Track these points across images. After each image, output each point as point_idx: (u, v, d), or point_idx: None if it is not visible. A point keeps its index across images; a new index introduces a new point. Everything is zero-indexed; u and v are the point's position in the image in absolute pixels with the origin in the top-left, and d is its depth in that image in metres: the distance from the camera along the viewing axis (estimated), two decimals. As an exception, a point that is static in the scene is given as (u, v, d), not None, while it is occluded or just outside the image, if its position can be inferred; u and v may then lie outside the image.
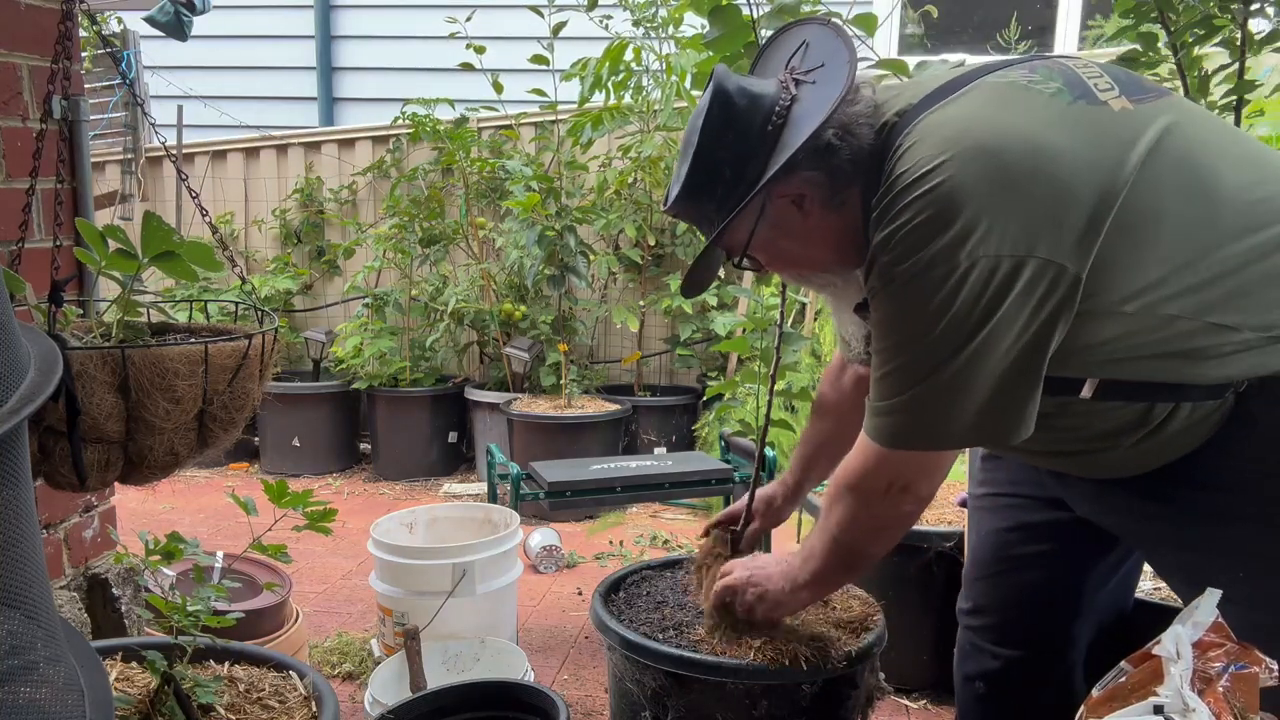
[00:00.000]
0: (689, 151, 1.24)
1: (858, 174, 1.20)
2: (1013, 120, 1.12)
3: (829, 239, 1.27)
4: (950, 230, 1.08)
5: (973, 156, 1.09)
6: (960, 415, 1.14)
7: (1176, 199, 1.11)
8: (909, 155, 1.13)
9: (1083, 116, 1.12)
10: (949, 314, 1.10)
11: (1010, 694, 1.55)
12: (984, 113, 1.14)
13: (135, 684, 1.44)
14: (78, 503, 1.94)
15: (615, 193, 4.48)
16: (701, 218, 1.30)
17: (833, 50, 1.22)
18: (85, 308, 1.63)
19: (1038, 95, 1.14)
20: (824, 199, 1.23)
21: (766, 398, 1.74)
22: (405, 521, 2.66)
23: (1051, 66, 1.19)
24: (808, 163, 1.19)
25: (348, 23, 5.92)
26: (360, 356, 4.54)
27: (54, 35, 1.51)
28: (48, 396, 0.74)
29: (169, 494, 4.21)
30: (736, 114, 1.21)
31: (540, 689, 1.70)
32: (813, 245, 1.29)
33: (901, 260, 1.12)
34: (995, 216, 1.07)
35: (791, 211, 1.25)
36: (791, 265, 1.36)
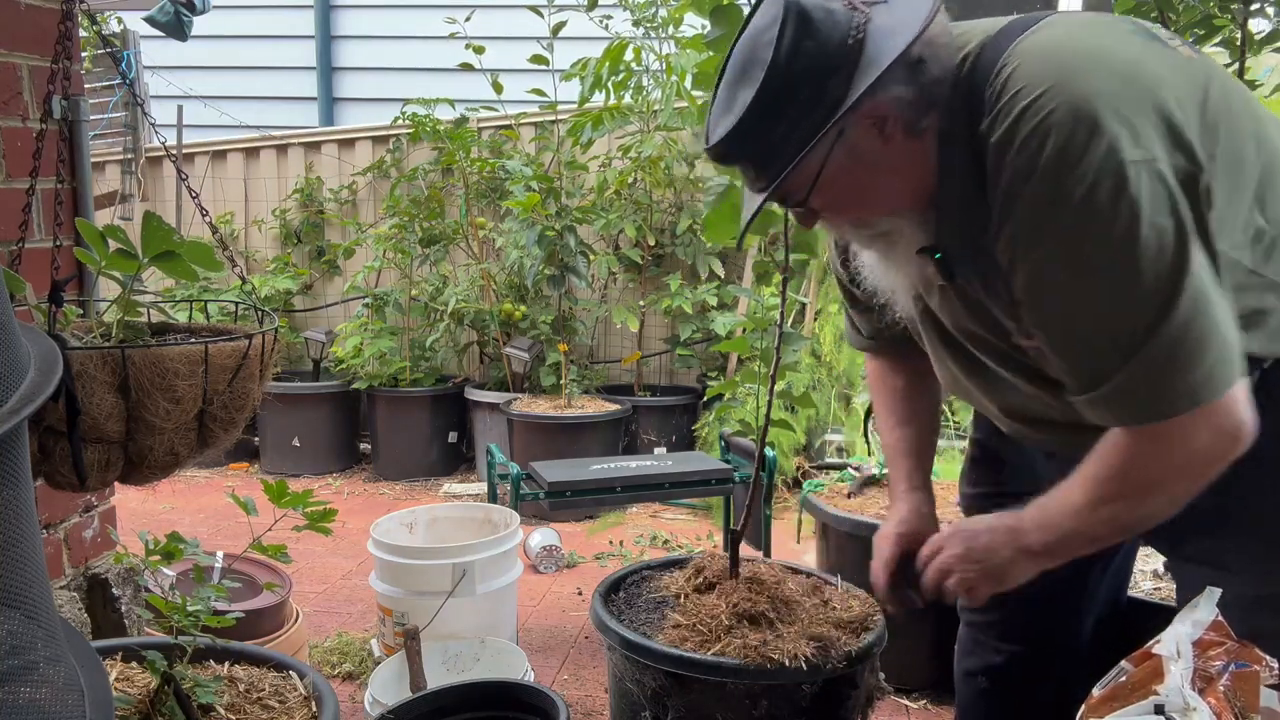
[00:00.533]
0: (754, 70, 1.09)
1: (939, 98, 1.11)
2: (1112, 41, 1.07)
3: (907, 171, 1.15)
4: (1099, 141, 0.99)
5: (1091, 68, 1.03)
6: (1219, 337, 1.01)
7: (1252, 146, 1.08)
8: (1024, 73, 1.05)
9: (1162, 52, 1.09)
10: (1141, 228, 0.99)
11: (1012, 689, 1.56)
12: (1083, 35, 1.08)
13: (135, 684, 1.44)
14: (78, 503, 1.94)
15: (615, 193, 4.48)
16: (764, 150, 1.12)
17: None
18: (85, 308, 1.63)
19: (1119, 28, 1.11)
20: (908, 122, 1.11)
21: (766, 398, 1.75)
22: (405, 521, 2.66)
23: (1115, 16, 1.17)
24: (897, 78, 1.07)
25: (348, 23, 5.92)
26: (360, 356, 4.55)
27: (54, 35, 1.51)
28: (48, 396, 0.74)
29: (169, 494, 4.21)
30: (815, 25, 1.07)
31: (540, 689, 1.70)
32: (890, 177, 1.15)
33: (1058, 184, 1.01)
34: (1134, 120, 1.00)
35: (872, 136, 1.11)
36: (858, 206, 1.19)
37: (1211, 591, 1.04)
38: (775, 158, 1.11)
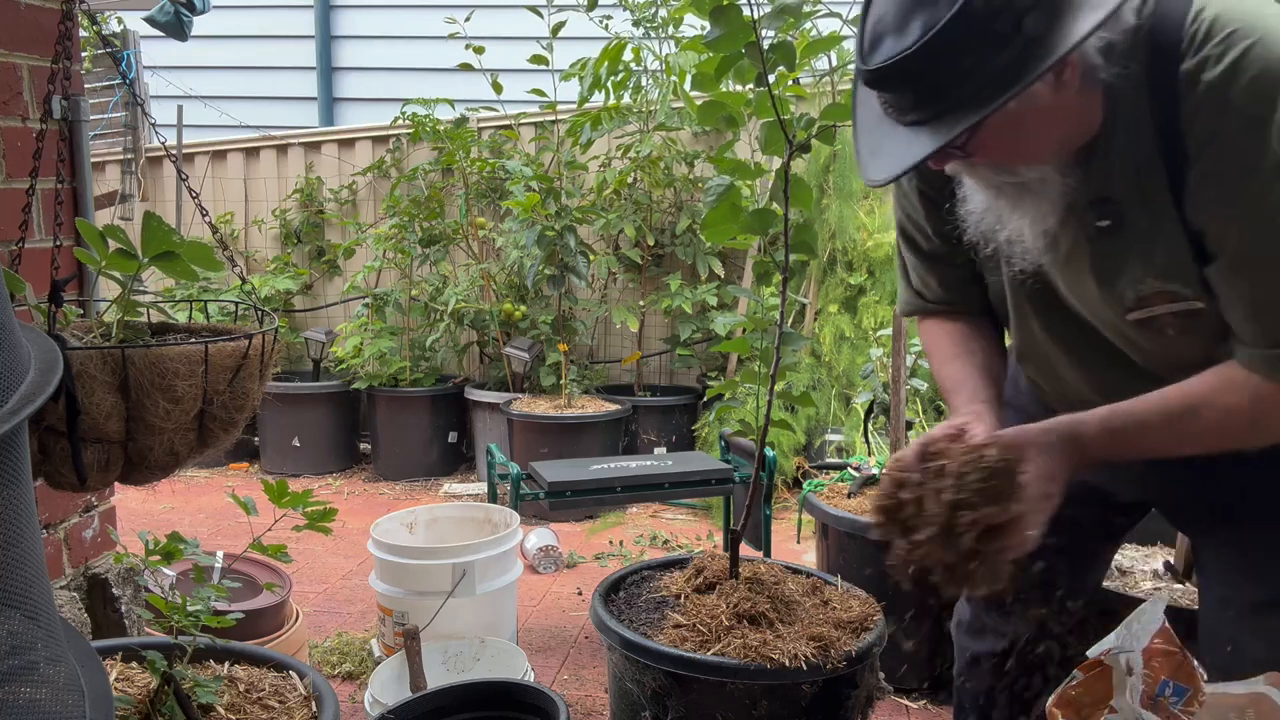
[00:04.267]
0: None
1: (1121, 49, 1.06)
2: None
3: (1072, 120, 1.10)
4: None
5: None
6: None
7: None
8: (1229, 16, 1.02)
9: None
10: None
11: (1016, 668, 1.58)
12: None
13: (135, 684, 1.44)
14: (78, 503, 1.94)
15: (615, 193, 4.48)
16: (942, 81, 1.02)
17: None
18: (85, 308, 1.63)
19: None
20: (1086, 71, 1.06)
21: (766, 398, 1.74)
22: (405, 521, 2.66)
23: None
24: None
25: (348, 23, 5.92)
26: (360, 356, 4.55)
27: (54, 35, 1.51)
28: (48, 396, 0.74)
29: (169, 494, 4.21)
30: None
31: (540, 689, 1.70)
32: (1051, 127, 1.09)
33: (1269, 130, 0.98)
34: None
35: (1048, 81, 1.04)
36: (1014, 154, 1.12)
37: (1156, 600, 1.07)
38: (950, 95, 1.02)
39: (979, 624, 1.63)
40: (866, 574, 1.97)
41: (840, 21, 1.69)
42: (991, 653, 1.61)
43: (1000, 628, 1.59)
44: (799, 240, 1.74)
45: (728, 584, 1.74)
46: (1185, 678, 1.04)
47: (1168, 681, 1.03)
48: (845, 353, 4.03)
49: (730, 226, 1.77)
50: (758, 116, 1.74)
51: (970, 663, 1.65)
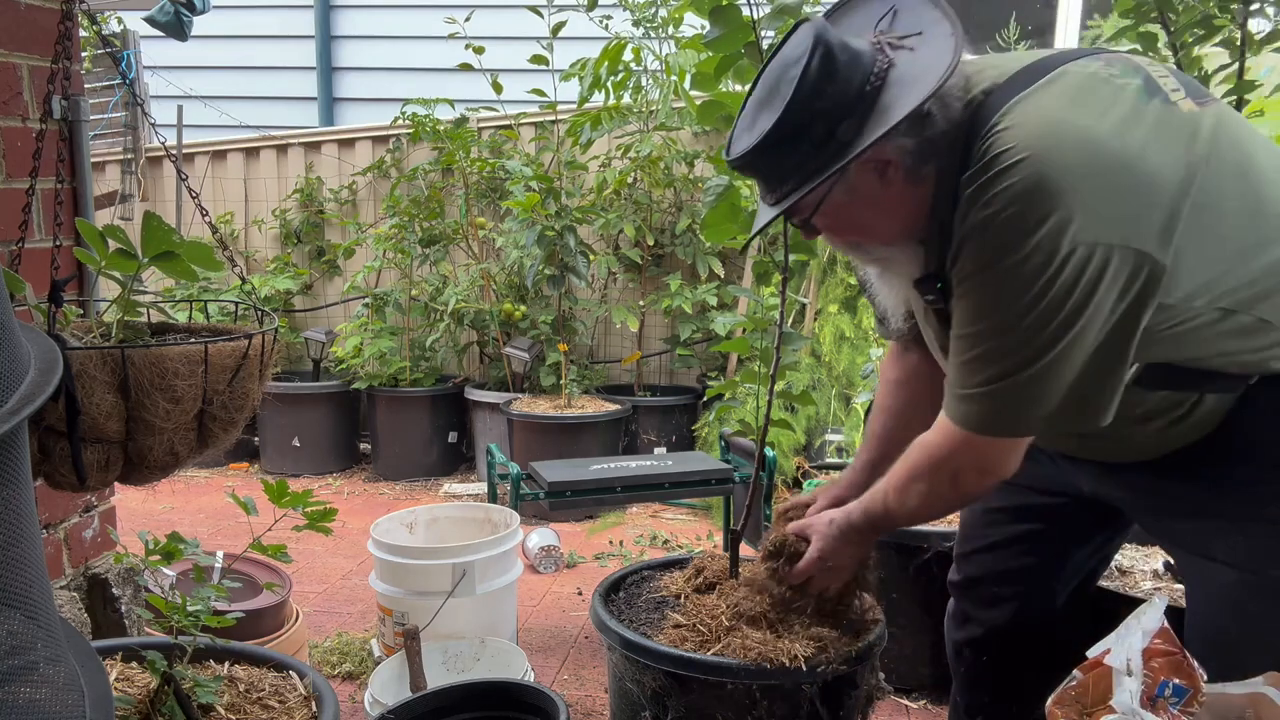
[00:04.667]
0: (776, 101, 1.17)
1: (942, 148, 1.18)
2: (1103, 115, 1.13)
3: (902, 210, 1.24)
4: (1050, 218, 1.08)
5: (1070, 147, 1.10)
6: (1049, 401, 1.15)
7: (1233, 200, 1.15)
8: (1006, 137, 1.12)
9: (1160, 115, 1.15)
10: (1044, 301, 1.10)
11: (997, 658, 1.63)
12: (1077, 104, 1.14)
13: (135, 684, 1.44)
14: (78, 503, 1.94)
15: (615, 193, 4.48)
16: (775, 173, 1.22)
17: (931, 20, 1.19)
18: (85, 308, 1.63)
19: (1121, 91, 1.16)
20: (908, 169, 1.20)
21: (766, 398, 1.74)
22: (405, 521, 2.66)
23: (1127, 63, 1.21)
24: (904, 130, 1.16)
25: (348, 23, 5.92)
26: (360, 356, 4.55)
27: (54, 35, 1.51)
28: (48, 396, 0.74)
29: (169, 494, 4.21)
30: (836, 68, 1.14)
31: (540, 689, 1.70)
32: (884, 215, 1.25)
33: (1000, 244, 1.11)
34: (1091, 206, 1.08)
35: (872, 179, 1.21)
36: (855, 234, 1.30)
37: (1157, 600, 1.08)
38: (784, 182, 1.21)
39: (961, 614, 1.68)
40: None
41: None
42: (971, 640, 1.65)
43: (979, 616, 1.64)
44: (799, 241, 1.74)
45: (728, 584, 1.74)
46: (1185, 678, 1.04)
47: (1168, 682, 1.03)
48: (845, 353, 4.03)
49: (730, 226, 1.77)
50: (758, 116, 1.74)
51: (955, 653, 1.70)
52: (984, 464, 1.26)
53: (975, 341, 1.18)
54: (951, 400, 1.24)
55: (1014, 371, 1.15)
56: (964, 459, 1.27)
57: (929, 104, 1.14)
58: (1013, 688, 1.62)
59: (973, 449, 1.25)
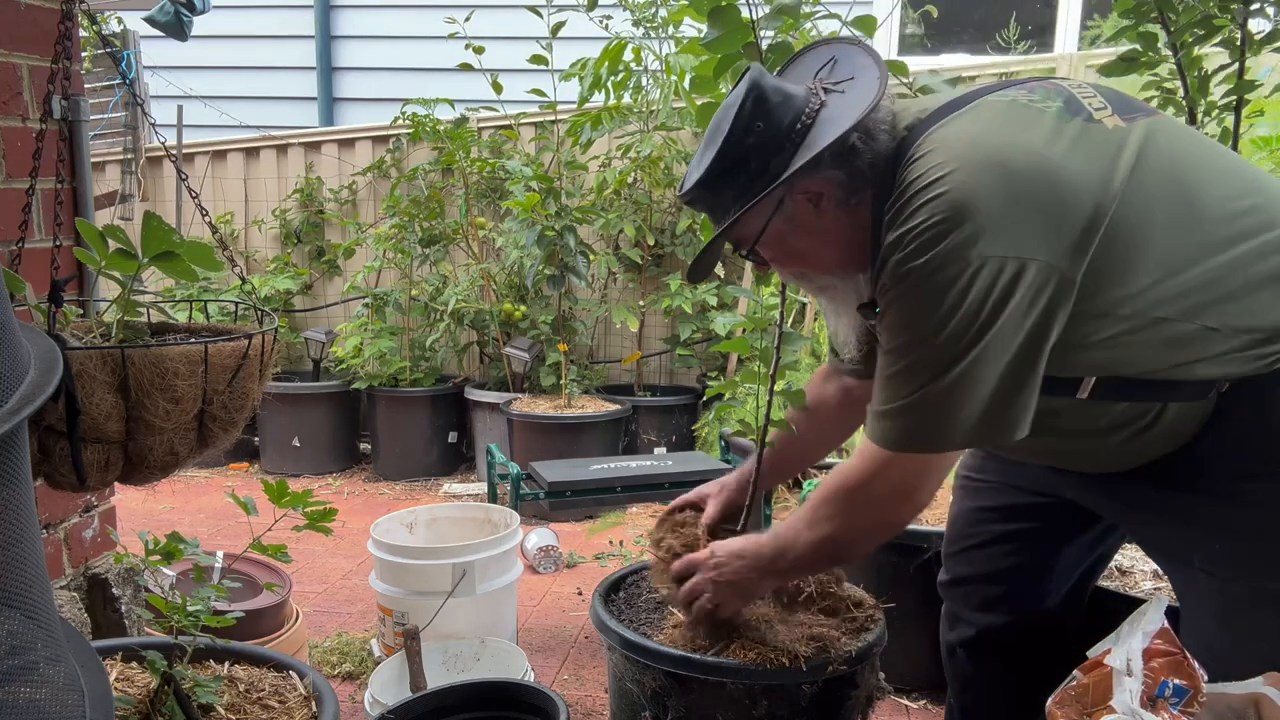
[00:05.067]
0: (716, 139, 1.27)
1: (873, 178, 1.25)
2: (1017, 134, 1.18)
3: (839, 239, 1.31)
4: (961, 233, 1.13)
5: (982, 166, 1.15)
6: (965, 415, 1.18)
7: (1163, 209, 1.17)
8: (921, 163, 1.19)
9: (1080, 132, 1.19)
10: (958, 314, 1.14)
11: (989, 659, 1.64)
12: (992, 128, 1.20)
13: (135, 684, 1.44)
14: (78, 503, 1.94)
15: (615, 193, 4.48)
16: (718, 206, 1.31)
17: (862, 66, 1.28)
18: (85, 308, 1.63)
19: (1040, 113, 1.21)
20: (840, 199, 1.27)
21: (766, 398, 1.74)
22: (405, 521, 2.66)
23: (1049, 88, 1.26)
24: (831, 162, 1.24)
25: (348, 23, 5.92)
26: (360, 356, 4.55)
27: (54, 35, 1.51)
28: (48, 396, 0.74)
29: (169, 494, 4.21)
30: (769, 108, 1.24)
31: (540, 689, 1.70)
32: (823, 244, 1.32)
33: (914, 258, 1.16)
34: (1002, 222, 1.13)
35: (808, 209, 1.29)
36: (797, 263, 1.37)
37: (1157, 601, 1.09)
38: (725, 214, 1.30)
39: (951, 614, 1.70)
40: (867, 574, 1.97)
41: (839, 22, 1.69)
42: (964, 641, 1.67)
43: (969, 617, 1.65)
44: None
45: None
46: (1185, 678, 1.04)
47: (1168, 682, 1.03)
48: (845, 353, 4.02)
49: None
50: (757, 117, 1.74)
51: (948, 654, 1.71)
52: (902, 486, 1.28)
53: (894, 359, 1.22)
54: (870, 420, 1.28)
55: (927, 384, 1.18)
56: (881, 481, 1.28)
57: (854, 137, 1.22)
58: (1007, 689, 1.63)
59: (890, 469, 1.27)
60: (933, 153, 1.19)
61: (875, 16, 1.73)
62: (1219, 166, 1.24)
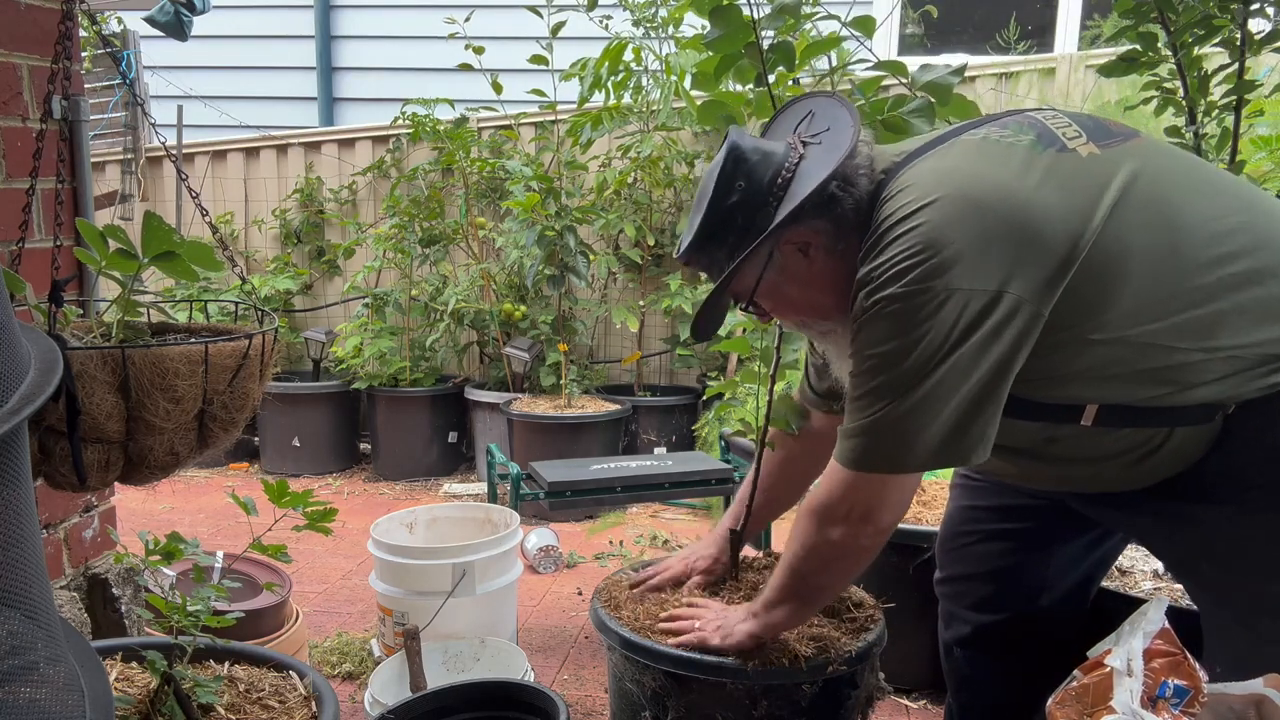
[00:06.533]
0: (703, 201, 1.32)
1: (858, 222, 1.28)
2: (989, 171, 1.21)
3: (831, 284, 1.33)
4: (930, 265, 1.16)
5: (952, 202, 1.18)
6: (924, 437, 1.21)
7: (1144, 236, 1.18)
8: (894, 201, 1.22)
9: (1053, 165, 1.21)
10: (923, 340, 1.17)
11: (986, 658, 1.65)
12: (963, 164, 1.23)
13: (135, 684, 1.44)
14: (78, 503, 1.94)
15: (615, 193, 4.48)
16: (713, 264, 1.36)
17: (836, 116, 1.32)
18: (85, 308, 1.63)
19: (1011, 148, 1.23)
20: (828, 246, 1.31)
21: (766, 398, 1.74)
22: (405, 521, 2.66)
23: (1022, 121, 1.28)
24: (814, 211, 1.27)
25: (348, 23, 5.92)
26: (360, 356, 4.54)
27: (54, 35, 1.51)
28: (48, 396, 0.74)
29: (169, 494, 4.21)
30: (750, 168, 1.30)
31: (540, 689, 1.70)
32: (816, 290, 1.35)
33: (884, 288, 1.19)
34: (972, 255, 1.15)
35: (798, 258, 1.33)
36: (795, 311, 1.41)
37: (1157, 601, 1.09)
38: (720, 272, 1.35)
39: (947, 613, 1.71)
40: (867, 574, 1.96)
41: (839, 23, 1.69)
42: (960, 640, 1.68)
43: (964, 615, 1.66)
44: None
45: (729, 584, 1.74)
46: (1186, 678, 1.04)
47: (1168, 682, 1.04)
48: (845, 353, 4.02)
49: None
50: (757, 116, 1.74)
51: (945, 652, 1.73)
52: (867, 506, 1.29)
53: (860, 382, 1.25)
54: (839, 442, 1.31)
55: (889, 405, 1.21)
56: (841, 501, 1.31)
57: (833, 185, 1.26)
58: (1005, 688, 1.63)
59: (855, 489, 1.29)
60: (905, 190, 1.22)
61: (874, 17, 1.73)
62: (1204, 186, 1.24)
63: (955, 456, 1.21)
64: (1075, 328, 1.18)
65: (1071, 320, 1.17)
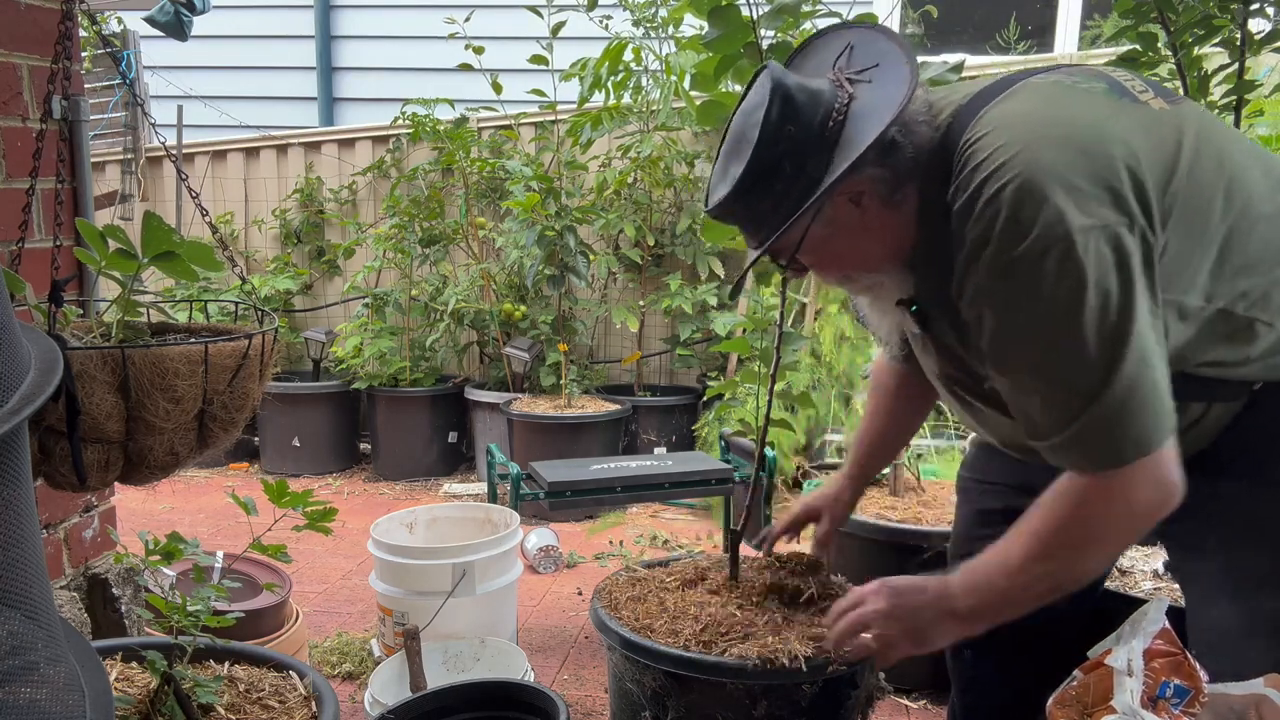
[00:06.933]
0: (743, 148, 1.20)
1: (916, 171, 1.19)
2: (1075, 109, 1.14)
3: (883, 237, 1.25)
4: (1049, 209, 1.06)
5: (1049, 141, 1.09)
6: (1153, 398, 1.08)
7: (1215, 196, 1.13)
8: (983, 145, 1.12)
9: (1131, 110, 1.15)
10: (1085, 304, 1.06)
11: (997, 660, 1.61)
12: (1047, 104, 1.16)
13: (135, 684, 1.44)
14: (78, 503, 1.94)
15: (615, 193, 4.48)
16: (753, 217, 1.24)
17: (884, 51, 1.21)
18: (85, 308, 1.63)
19: (1089, 94, 1.17)
20: (883, 196, 1.21)
21: (766, 398, 1.74)
22: (405, 521, 2.66)
23: (1089, 71, 1.22)
24: (872, 159, 1.17)
25: (348, 23, 5.92)
26: (360, 356, 4.55)
27: (54, 35, 1.51)
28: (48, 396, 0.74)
29: (169, 494, 4.21)
30: (797, 109, 1.17)
31: (540, 689, 1.70)
32: (867, 243, 1.25)
33: (1009, 263, 1.09)
34: (1084, 191, 1.07)
35: (849, 209, 1.22)
36: (841, 266, 1.31)
37: (1158, 601, 1.08)
38: (762, 226, 1.23)
39: None
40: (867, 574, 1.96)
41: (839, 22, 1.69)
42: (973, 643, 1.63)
43: None
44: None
45: (729, 584, 1.74)
46: (1186, 679, 1.04)
47: (1169, 682, 1.04)
48: (845, 353, 4.03)
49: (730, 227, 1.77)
50: (758, 116, 1.74)
51: (954, 654, 1.69)
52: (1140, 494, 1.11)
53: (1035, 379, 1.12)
54: (1056, 455, 1.15)
55: (1098, 388, 1.07)
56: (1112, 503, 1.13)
57: (893, 132, 1.15)
58: (1013, 688, 1.62)
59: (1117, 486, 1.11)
60: (992, 134, 1.12)
61: (876, 15, 1.73)
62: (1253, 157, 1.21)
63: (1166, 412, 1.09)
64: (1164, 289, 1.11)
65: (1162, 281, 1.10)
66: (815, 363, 4.06)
